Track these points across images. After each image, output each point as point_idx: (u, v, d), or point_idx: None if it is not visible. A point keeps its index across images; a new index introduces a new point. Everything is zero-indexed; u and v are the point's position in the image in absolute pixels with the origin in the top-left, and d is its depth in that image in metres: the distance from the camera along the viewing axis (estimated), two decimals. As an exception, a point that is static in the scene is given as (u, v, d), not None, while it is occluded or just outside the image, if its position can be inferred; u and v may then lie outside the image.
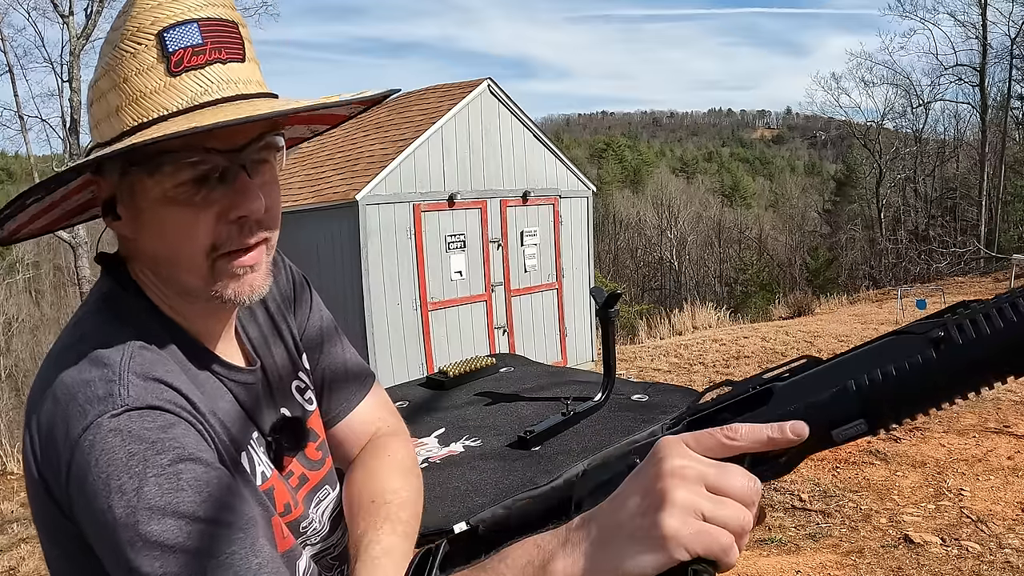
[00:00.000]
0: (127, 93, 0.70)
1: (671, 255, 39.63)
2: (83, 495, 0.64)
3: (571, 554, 0.54)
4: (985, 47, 24.03)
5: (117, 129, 0.70)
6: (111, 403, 0.65)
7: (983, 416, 5.61)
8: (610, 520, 0.53)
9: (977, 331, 0.51)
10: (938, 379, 0.53)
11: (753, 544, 3.88)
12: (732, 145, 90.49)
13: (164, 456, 0.65)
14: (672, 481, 0.51)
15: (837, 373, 0.56)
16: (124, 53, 0.70)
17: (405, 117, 8.81)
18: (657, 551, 0.50)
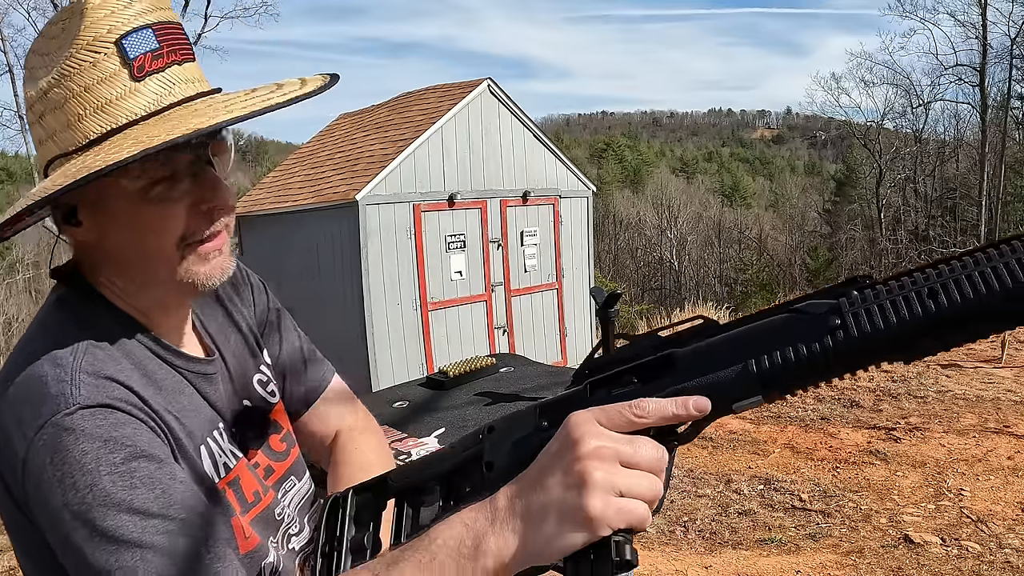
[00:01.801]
0: (90, 102, 0.71)
1: (671, 255, 39.63)
2: (39, 493, 0.65)
3: (502, 532, 0.56)
4: (985, 47, 24.04)
5: (81, 138, 0.72)
6: (63, 402, 0.66)
7: (983, 416, 5.61)
8: (536, 500, 0.56)
9: (872, 324, 0.53)
10: (832, 363, 0.55)
11: (753, 544, 3.88)
12: (732, 145, 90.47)
13: (117, 454, 0.66)
14: (590, 463, 0.54)
15: (737, 349, 0.57)
16: (82, 63, 0.71)
17: (405, 117, 8.81)
18: (584, 530, 0.54)
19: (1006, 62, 23.86)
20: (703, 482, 4.80)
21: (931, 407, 5.97)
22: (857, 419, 5.90)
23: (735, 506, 4.37)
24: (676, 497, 4.53)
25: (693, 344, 0.60)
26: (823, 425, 5.82)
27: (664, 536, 4.04)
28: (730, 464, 5.16)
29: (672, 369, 0.59)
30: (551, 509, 0.55)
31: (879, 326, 0.53)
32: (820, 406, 6.35)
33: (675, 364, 0.59)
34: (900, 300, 0.53)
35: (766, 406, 6.49)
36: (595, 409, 0.57)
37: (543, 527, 0.55)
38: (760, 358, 0.56)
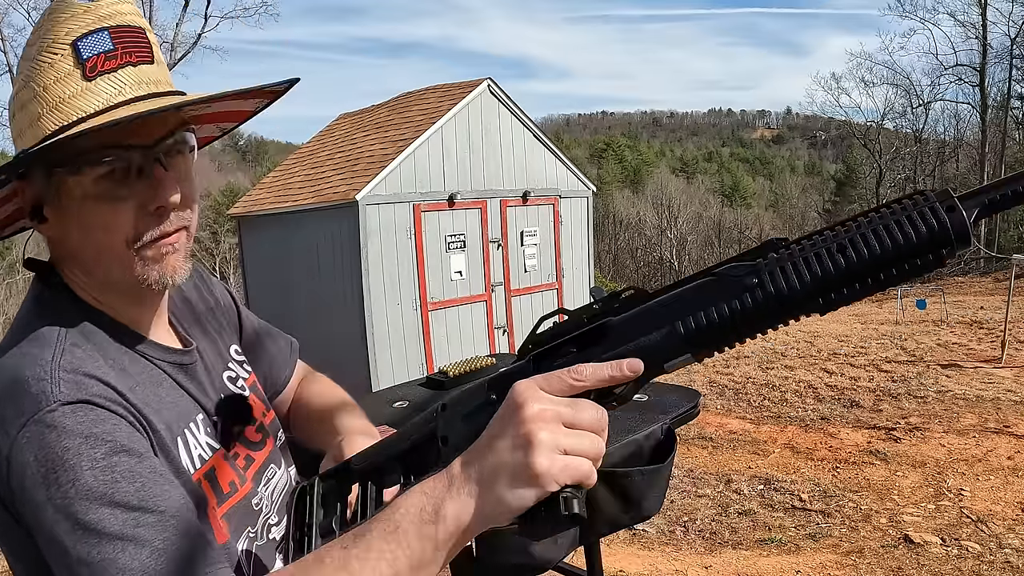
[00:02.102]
0: (47, 100, 0.73)
1: (671, 255, 39.63)
2: (23, 490, 0.67)
3: (459, 496, 0.60)
4: (985, 47, 24.04)
5: (39, 135, 0.74)
6: (44, 400, 0.68)
7: (983, 416, 5.61)
8: (488, 463, 0.60)
9: (786, 281, 0.59)
10: (753, 320, 0.60)
11: (753, 544, 3.88)
12: (732, 145, 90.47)
13: (98, 449, 0.67)
14: (535, 425, 0.59)
15: (665, 313, 0.63)
16: (42, 64, 0.73)
17: (405, 117, 8.81)
18: (533, 486, 0.58)
19: (1006, 62, 23.88)
20: (703, 482, 4.80)
21: (931, 407, 5.96)
22: (857, 419, 5.90)
23: (735, 506, 4.37)
24: (676, 497, 4.53)
25: (625, 313, 0.64)
26: (823, 425, 5.82)
27: (664, 536, 4.04)
28: (730, 464, 5.16)
29: (607, 337, 0.63)
30: (502, 471, 0.59)
31: (792, 282, 0.59)
32: (820, 406, 6.35)
33: (609, 332, 0.64)
34: (812, 257, 0.59)
35: (767, 407, 6.49)
36: (537, 377, 0.62)
37: (495, 488, 0.59)
38: (686, 319, 0.62)
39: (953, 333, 9.08)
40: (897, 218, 0.57)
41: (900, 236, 0.57)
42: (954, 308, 11.01)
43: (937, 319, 10.20)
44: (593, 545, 1.45)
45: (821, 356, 8.31)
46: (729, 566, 3.58)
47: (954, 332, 9.15)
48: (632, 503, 1.15)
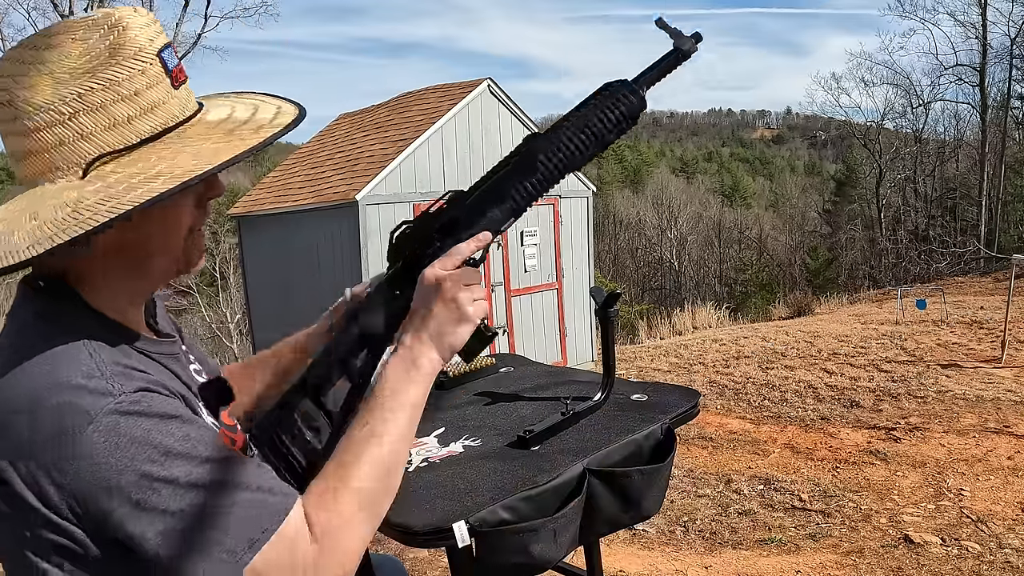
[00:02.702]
0: (140, 104, 0.80)
1: (671, 255, 39.61)
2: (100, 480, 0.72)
3: (423, 349, 0.89)
4: (985, 47, 24.05)
5: (132, 137, 0.80)
6: (108, 393, 0.74)
7: (983, 416, 5.61)
8: (433, 325, 0.89)
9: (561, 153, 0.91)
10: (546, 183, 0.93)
11: (753, 544, 3.88)
12: (732, 145, 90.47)
13: (171, 424, 0.76)
14: (454, 290, 0.89)
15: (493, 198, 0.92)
16: (131, 70, 0.79)
17: (405, 117, 8.81)
18: (467, 323, 0.90)
19: (1006, 62, 23.88)
20: (703, 482, 4.80)
21: (931, 407, 5.96)
22: (857, 419, 5.90)
23: (735, 506, 4.37)
24: (676, 497, 4.53)
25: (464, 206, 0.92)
26: (823, 425, 5.82)
27: (664, 536, 4.04)
28: (730, 464, 5.16)
29: (460, 224, 0.91)
30: (445, 322, 0.89)
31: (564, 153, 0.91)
32: (820, 406, 6.35)
33: (459, 222, 0.92)
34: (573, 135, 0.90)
35: (767, 407, 6.49)
36: (435, 263, 0.90)
37: (444, 336, 0.89)
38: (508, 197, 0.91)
39: (953, 333, 9.08)
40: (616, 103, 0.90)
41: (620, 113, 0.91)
42: (954, 308, 11.01)
43: (937, 319, 10.20)
44: (593, 545, 1.45)
45: (821, 356, 8.31)
46: (729, 566, 3.58)
47: (954, 332, 9.15)
48: (632, 503, 1.15)
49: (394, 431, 0.85)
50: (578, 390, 1.45)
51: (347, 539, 0.82)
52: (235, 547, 0.74)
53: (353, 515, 0.82)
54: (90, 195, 0.76)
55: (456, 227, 0.90)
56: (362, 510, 0.83)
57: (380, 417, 0.85)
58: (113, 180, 0.77)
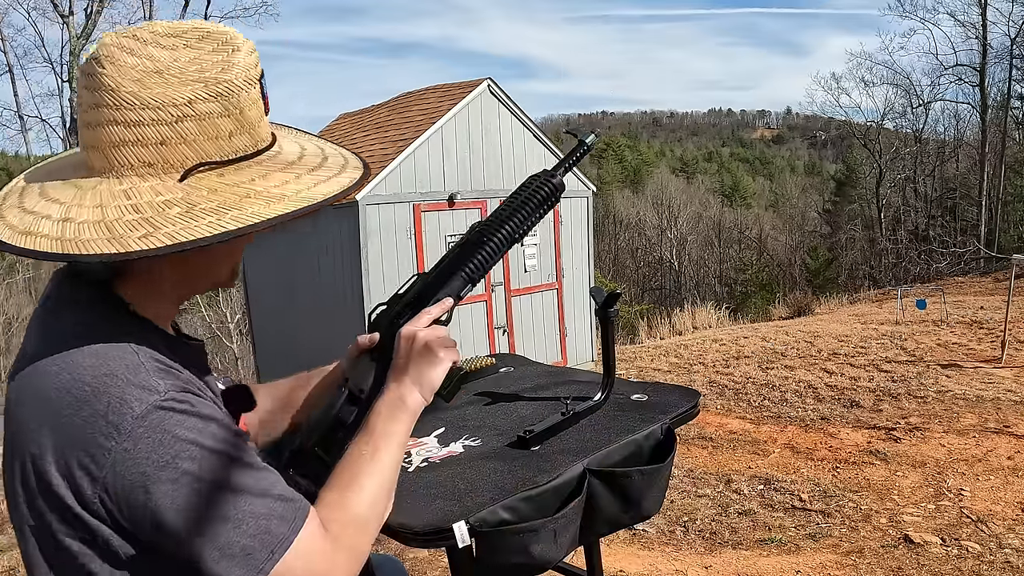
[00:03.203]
0: (241, 122, 0.84)
1: (671, 255, 39.61)
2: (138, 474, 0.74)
3: (408, 391, 0.98)
4: (985, 47, 24.05)
5: (229, 152, 0.84)
6: (155, 390, 0.77)
7: (983, 416, 5.61)
8: (414, 370, 0.99)
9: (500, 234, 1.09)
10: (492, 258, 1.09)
11: (753, 544, 3.88)
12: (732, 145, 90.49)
13: (211, 425, 0.79)
14: (425, 338, 1.00)
15: (449, 272, 1.07)
16: (240, 88, 0.83)
17: (405, 117, 8.81)
18: (440, 366, 1.00)
19: (1006, 62, 23.88)
20: (703, 482, 4.80)
21: (931, 407, 5.96)
22: (857, 419, 5.90)
23: (735, 506, 4.37)
24: (676, 497, 4.53)
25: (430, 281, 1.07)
26: (823, 425, 5.82)
27: (664, 536, 4.04)
28: (730, 464, 5.16)
29: (426, 296, 1.05)
30: (423, 368, 0.99)
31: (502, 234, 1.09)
32: (820, 406, 6.35)
33: (428, 292, 1.06)
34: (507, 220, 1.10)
35: (767, 407, 6.49)
36: (410, 323, 1.01)
37: (424, 378, 0.99)
38: (461, 273, 1.06)
39: (953, 333, 9.09)
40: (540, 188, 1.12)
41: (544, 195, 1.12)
42: (954, 308, 11.01)
43: (937, 319, 10.20)
44: (593, 545, 1.45)
45: (821, 356, 8.31)
46: (729, 566, 3.58)
47: (954, 332, 9.15)
48: (632, 503, 1.15)
49: (386, 458, 0.93)
50: (578, 390, 1.45)
51: (360, 542, 0.87)
52: (259, 553, 0.77)
53: (362, 518, 0.88)
54: (202, 201, 0.79)
55: (422, 300, 1.05)
56: (368, 515, 0.89)
57: (374, 444, 0.93)
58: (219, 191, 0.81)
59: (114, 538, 0.77)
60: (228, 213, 0.78)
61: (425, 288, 1.06)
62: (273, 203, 0.81)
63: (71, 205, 0.80)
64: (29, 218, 0.80)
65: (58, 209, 0.80)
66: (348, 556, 0.85)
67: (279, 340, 8.89)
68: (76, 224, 0.78)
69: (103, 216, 0.78)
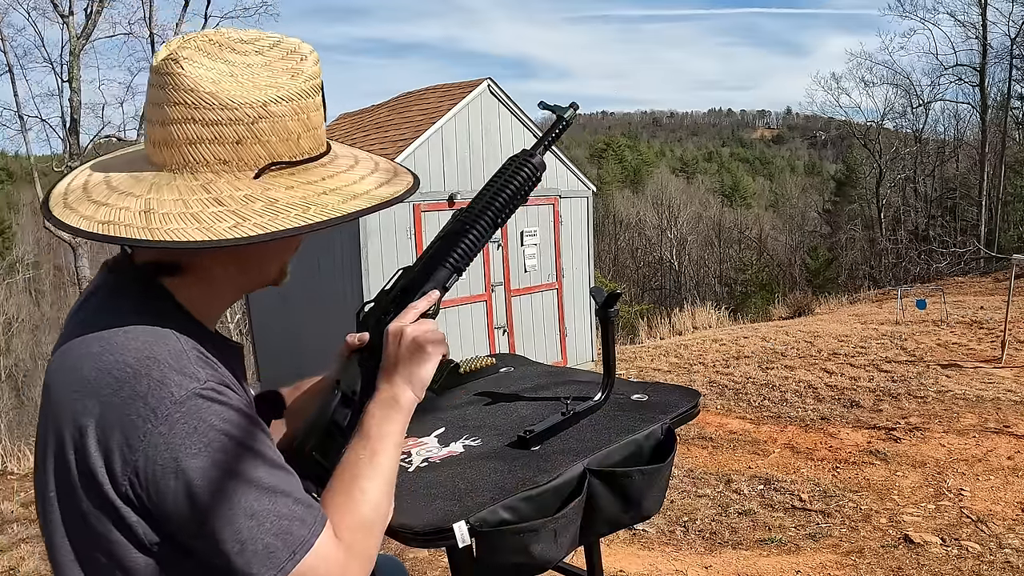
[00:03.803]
0: (307, 126, 0.88)
1: (671, 255, 39.61)
2: (171, 459, 0.75)
3: (401, 389, 0.97)
4: (985, 47, 24.05)
5: (300, 152, 0.88)
6: (194, 378, 0.78)
7: (983, 416, 5.61)
8: (404, 368, 0.97)
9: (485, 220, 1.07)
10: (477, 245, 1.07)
11: (753, 544, 3.88)
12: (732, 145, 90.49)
13: (244, 420, 0.81)
14: (412, 333, 0.98)
15: (433, 264, 1.04)
16: (308, 93, 0.88)
17: (405, 117, 8.81)
18: (432, 362, 0.99)
19: (1006, 62, 23.89)
20: (703, 482, 4.80)
21: (931, 407, 5.96)
22: (857, 419, 5.90)
23: (735, 506, 4.37)
24: (676, 497, 4.53)
25: (414, 275, 1.05)
26: (823, 425, 5.82)
27: (664, 536, 4.04)
28: (730, 464, 5.16)
29: (410, 292, 1.04)
30: (412, 364, 0.97)
31: (487, 219, 1.07)
32: (820, 406, 6.35)
33: (409, 289, 1.04)
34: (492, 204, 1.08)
35: (767, 407, 6.49)
36: (396, 319, 1.00)
37: (415, 375, 0.97)
38: (445, 264, 1.04)
39: (953, 333, 9.09)
40: (519, 169, 1.09)
41: (524, 176, 1.09)
42: (954, 308, 11.01)
43: (937, 319, 10.20)
44: (593, 545, 1.45)
45: (821, 356, 8.31)
46: (729, 566, 3.58)
47: (954, 332, 9.15)
48: (632, 503, 1.15)
49: (384, 460, 0.93)
50: (578, 390, 1.45)
51: (369, 545, 0.88)
52: (281, 552, 0.78)
53: (367, 521, 0.89)
54: (284, 197, 0.84)
55: (408, 294, 1.03)
56: (372, 517, 0.90)
57: (371, 448, 0.93)
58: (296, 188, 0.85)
59: (140, 524, 0.78)
60: (311, 208, 0.83)
61: (410, 282, 1.04)
62: (349, 200, 0.87)
63: (147, 197, 0.83)
64: (104, 209, 0.82)
65: (135, 202, 0.83)
66: (360, 562, 0.86)
67: (279, 340, 8.89)
68: (160, 215, 0.80)
69: (186, 208, 0.81)
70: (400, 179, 0.97)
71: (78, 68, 16.60)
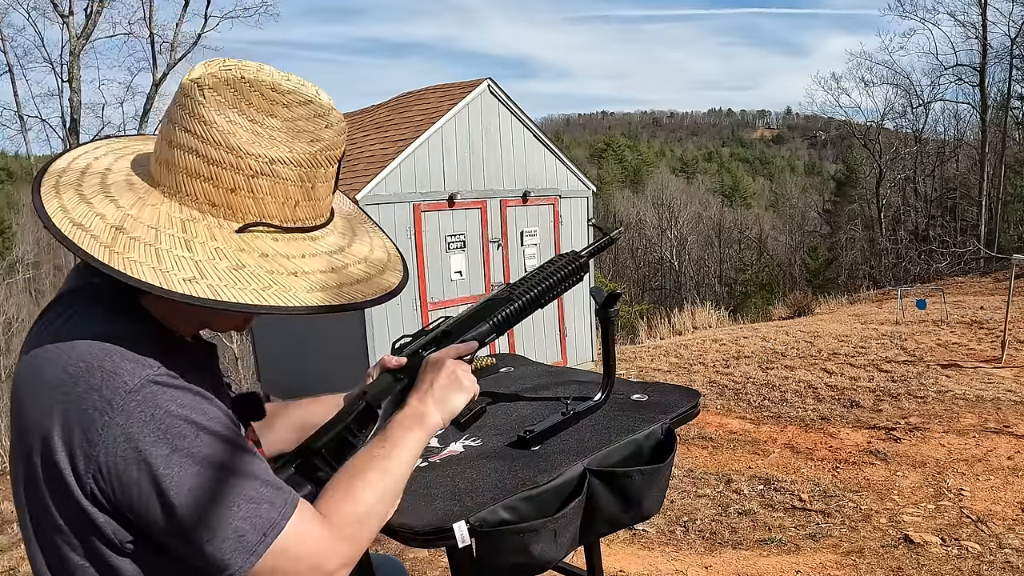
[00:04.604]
0: (310, 195, 0.86)
1: (671, 255, 39.61)
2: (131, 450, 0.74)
3: (428, 409, 1.00)
4: (985, 47, 24.05)
5: (292, 219, 0.86)
6: (149, 367, 0.77)
7: (983, 416, 5.61)
8: (435, 391, 1.02)
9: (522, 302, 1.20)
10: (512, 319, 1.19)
11: (753, 544, 3.88)
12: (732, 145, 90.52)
13: (203, 402, 0.79)
14: (453, 365, 1.05)
15: (475, 321, 1.15)
16: (318, 162, 0.85)
17: (405, 117, 8.81)
18: (463, 393, 1.04)
19: (1006, 62, 23.89)
20: (703, 482, 4.80)
21: (931, 407, 5.97)
22: (857, 419, 5.90)
23: (735, 506, 4.37)
24: (676, 497, 4.53)
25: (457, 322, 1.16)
26: (823, 425, 5.82)
27: (664, 536, 4.04)
28: (730, 464, 5.16)
29: (452, 335, 1.14)
30: (447, 391, 1.02)
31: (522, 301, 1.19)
32: (820, 406, 6.35)
33: (453, 332, 1.14)
34: (534, 288, 1.21)
35: (767, 407, 6.49)
36: (439, 352, 1.08)
37: (446, 401, 1.02)
38: (489, 321, 1.16)
39: (953, 333, 9.08)
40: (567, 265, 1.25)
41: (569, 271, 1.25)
42: (954, 308, 11.01)
43: (937, 319, 10.20)
44: (593, 545, 1.45)
45: (821, 356, 8.31)
46: (729, 566, 3.58)
47: (954, 332, 9.15)
48: (632, 503, 1.15)
49: (397, 463, 0.94)
50: (578, 390, 1.45)
51: (359, 534, 0.87)
52: (251, 535, 0.77)
53: (363, 512, 0.88)
54: (253, 264, 0.81)
55: (448, 337, 1.12)
56: (370, 511, 0.89)
57: (390, 447, 0.94)
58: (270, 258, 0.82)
59: (110, 524, 0.77)
60: (272, 288, 0.80)
61: (452, 328, 1.13)
62: (315, 291, 0.82)
63: (127, 213, 0.81)
64: (83, 208, 0.81)
65: (114, 213, 0.81)
66: (345, 547, 0.84)
67: (279, 341, 8.88)
68: (128, 238, 0.78)
69: (156, 241, 0.79)
70: (384, 278, 0.93)
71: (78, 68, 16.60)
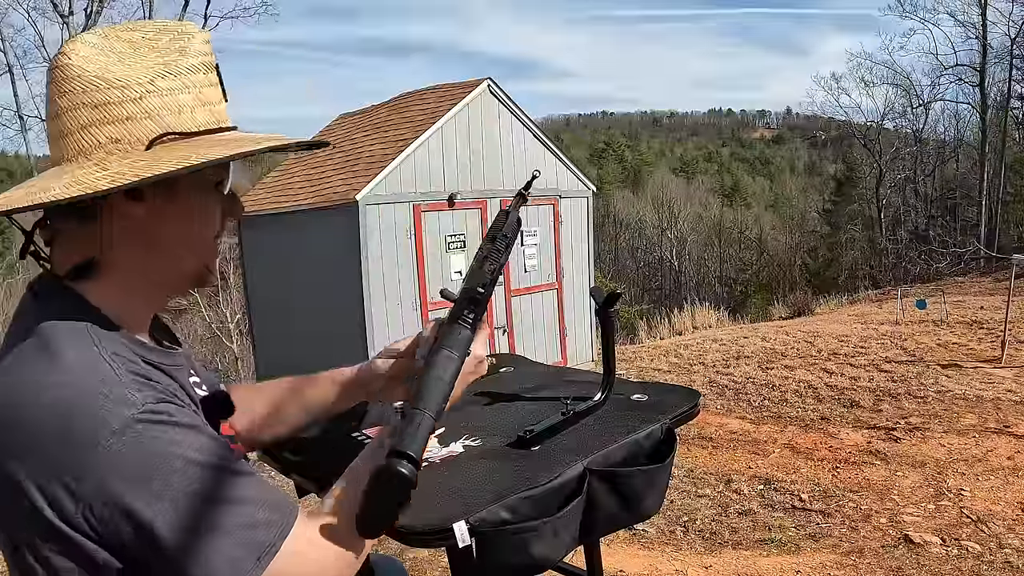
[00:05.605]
0: (201, 100, 0.87)
1: (671, 255, 39.63)
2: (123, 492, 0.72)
3: None
4: (985, 47, 24.07)
5: (192, 125, 0.86)
6: (131, 403, 0.75)
7: (983, 416, 5.61)
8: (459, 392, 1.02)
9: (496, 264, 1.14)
10: None
11: (753, 544, 3.88)
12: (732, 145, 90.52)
13: (190, 434, 0.78)
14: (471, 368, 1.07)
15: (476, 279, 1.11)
16: (197, 70, 0.87)
17: (405, 117, 8.81)
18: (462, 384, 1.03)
19: (1006, 62, 23.91)
20: (703, 482, 4.80)
21: (931, 407, 5.97)
22: (857, 419, 5.90)
23: (735, 506, 4.37)
24: (676, 497, 4.53)
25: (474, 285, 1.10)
26: (823, 425, 5.82)
27: (664, 536, 4.04)
28: (730, 464, 5.16)
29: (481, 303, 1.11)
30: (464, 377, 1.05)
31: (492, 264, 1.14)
32: (820, 406, 6.35)
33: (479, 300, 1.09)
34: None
35: (767, 407, 6.49)
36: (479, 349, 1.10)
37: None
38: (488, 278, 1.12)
39: (953, 333, 9.09)
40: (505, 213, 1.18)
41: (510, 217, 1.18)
42: (954, 308, 11.01)
43: (937, 319, 10.20)
44: (593, 545, 1.45)
45: (821, 356, 8.31)
46: (729, 566, 3.58)
47: (954, 332, 9.15)
48: (632, 503, 1.15)
49: None
50: (578, 390, 1.45)
51: (357, 545, 0.87)
52: (245, 562, 0.76)
53: None
54: (166, 156, 0.81)
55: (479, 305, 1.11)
56: None
57: None
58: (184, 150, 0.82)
59: (99, 553, 0.75)
60: (191, 156, 0.81)
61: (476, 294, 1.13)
62: (236, 149, 0.84)
63: (40, 184, 0.82)
64: (5, 194, 0.83)
65: (32, 182, 0.83)
66: (344, 560, 0.86)
67: (279, 340, 8.88)
68: (51, 192, 0.79)
69: (75, 179, 0.79)
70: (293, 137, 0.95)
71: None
